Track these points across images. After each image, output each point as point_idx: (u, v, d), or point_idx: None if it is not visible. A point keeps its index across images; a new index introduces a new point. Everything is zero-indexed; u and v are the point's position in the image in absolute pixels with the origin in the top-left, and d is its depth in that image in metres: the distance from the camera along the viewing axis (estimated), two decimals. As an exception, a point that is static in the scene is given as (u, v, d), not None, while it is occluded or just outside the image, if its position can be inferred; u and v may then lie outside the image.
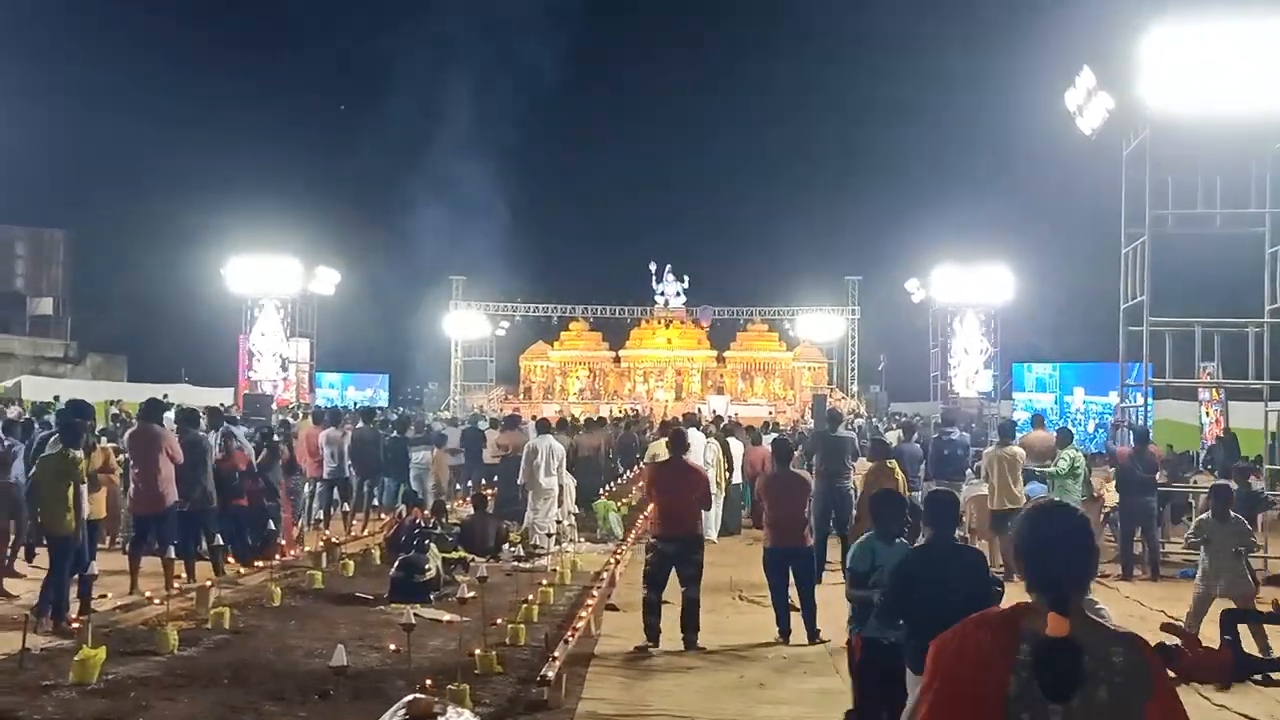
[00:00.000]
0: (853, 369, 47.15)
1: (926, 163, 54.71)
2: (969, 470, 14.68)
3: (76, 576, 9.31)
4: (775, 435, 16.37)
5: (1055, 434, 14.20)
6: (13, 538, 11.28)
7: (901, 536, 6.15)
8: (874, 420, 30.61)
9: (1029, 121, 31.55)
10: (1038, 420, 16.40)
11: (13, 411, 20.57)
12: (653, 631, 9.05)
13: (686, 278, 47.58)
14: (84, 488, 9.47)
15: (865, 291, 46.66)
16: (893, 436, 15.50)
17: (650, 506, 10.18)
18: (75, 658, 7.36)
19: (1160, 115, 16.77)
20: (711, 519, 14.30)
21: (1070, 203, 35.29)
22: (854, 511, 11.86)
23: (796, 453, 13.60)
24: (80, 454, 9.55)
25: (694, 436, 14.83)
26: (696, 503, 9.48)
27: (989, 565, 5.67)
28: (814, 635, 9.32)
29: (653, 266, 47.51)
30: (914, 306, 42.55)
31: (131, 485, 11.32)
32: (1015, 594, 3.02)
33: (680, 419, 19.13)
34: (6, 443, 11.83)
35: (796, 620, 9.40)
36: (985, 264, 37.76)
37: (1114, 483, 14.06)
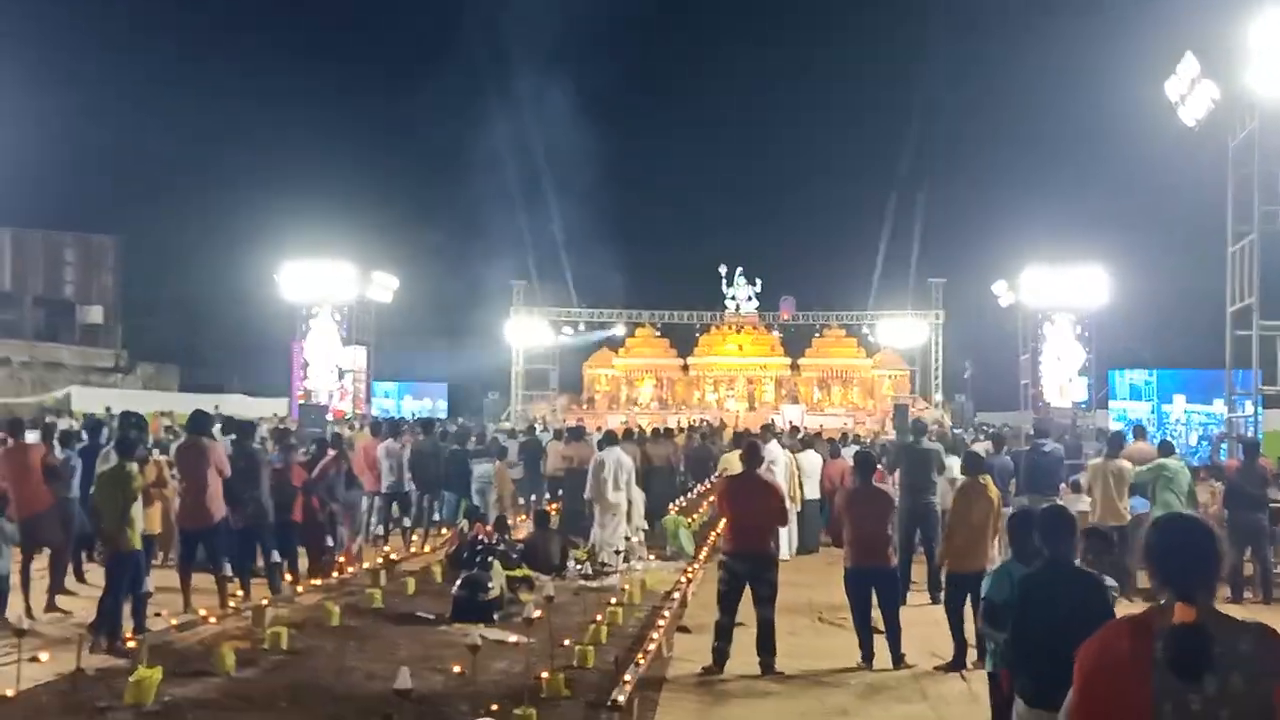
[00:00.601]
0: (936, 377, 46.57)
1: (1015, 157, 54.11)
2: (1063, 484, 14.48)
3: (130, 594, 9.48)
4: (856, 447, 16.23)
5: (1157, 447, 13.98)
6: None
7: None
8: (958, 431, 30.28)
9: (1126, 112, 31.25)
10: (1139, 431, 16.14)
11: (64, 423, 20.99)
12: (720, 656, 9.02)
13: (759, 281, 46.98)
14: (139, 503, 9.63)
15: (950, 295, 45.99)
16: (980, 448, 15.30)
17: (721, 522, 10.15)
18: (131, 678, 7.43)
19: (1271, 104, 16.52)
20: (784, 536, 14.21)
21: (1171, 198, 34.81)
22: (943, 531, 11.70)
23: (880, 466, 13.46)
24: (136, 468, 9.71)
25: (773, 450, 14.78)
26: (770, 519, 9.43)
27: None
28: (898, 660, 9.26)
29: (723, 269, 46.98)
30: (1002, 310, 42.07)
31: (178, 500, 11.51)
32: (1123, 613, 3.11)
33: (760, 430, 19.03)
34: (63, 455, 12.07)
35: (880, 644, 9.34)
36: (1079, 265, 37.24)
37: (1221, 498, 13.81)
